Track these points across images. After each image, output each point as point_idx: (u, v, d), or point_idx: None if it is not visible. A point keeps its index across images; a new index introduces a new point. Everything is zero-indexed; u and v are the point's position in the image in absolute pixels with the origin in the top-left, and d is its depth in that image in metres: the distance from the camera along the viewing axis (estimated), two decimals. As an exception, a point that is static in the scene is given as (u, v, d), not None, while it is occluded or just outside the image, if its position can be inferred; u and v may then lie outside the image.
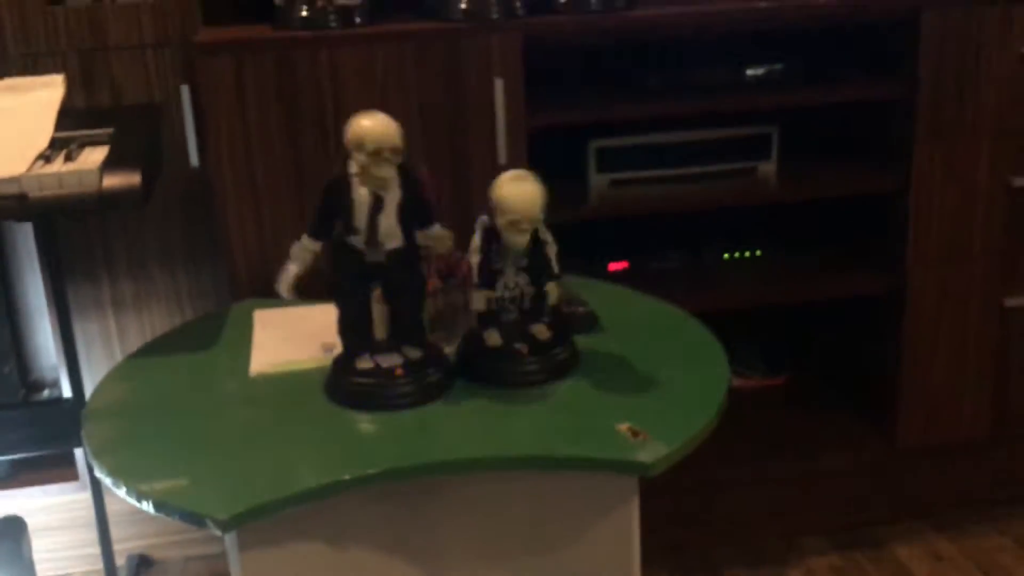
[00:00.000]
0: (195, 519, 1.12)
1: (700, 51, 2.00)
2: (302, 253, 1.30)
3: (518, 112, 1.74)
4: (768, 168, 2.03)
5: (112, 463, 1.21)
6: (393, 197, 1.25)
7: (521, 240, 1.28)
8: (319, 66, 1.67)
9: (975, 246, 1.98)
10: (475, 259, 1.32)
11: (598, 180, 1.97)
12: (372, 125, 1.22)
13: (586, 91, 1.97)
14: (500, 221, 1.28)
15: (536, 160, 1.79)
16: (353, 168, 1.24)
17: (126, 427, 1.31)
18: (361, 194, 1.24)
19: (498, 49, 1.72)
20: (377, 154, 1.21)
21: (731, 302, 2.02)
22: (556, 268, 1.33)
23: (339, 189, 1.25)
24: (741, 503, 2.08)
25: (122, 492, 1.17)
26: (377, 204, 1.24)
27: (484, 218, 1.31)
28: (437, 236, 1.29)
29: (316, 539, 1.22)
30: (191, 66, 1.74)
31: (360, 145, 1.22)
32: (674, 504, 2.04)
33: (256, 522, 1.14)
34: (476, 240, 1.31)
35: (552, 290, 1.33)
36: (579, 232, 1.96)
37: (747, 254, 2.13)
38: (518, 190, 1.27)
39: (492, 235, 1.31)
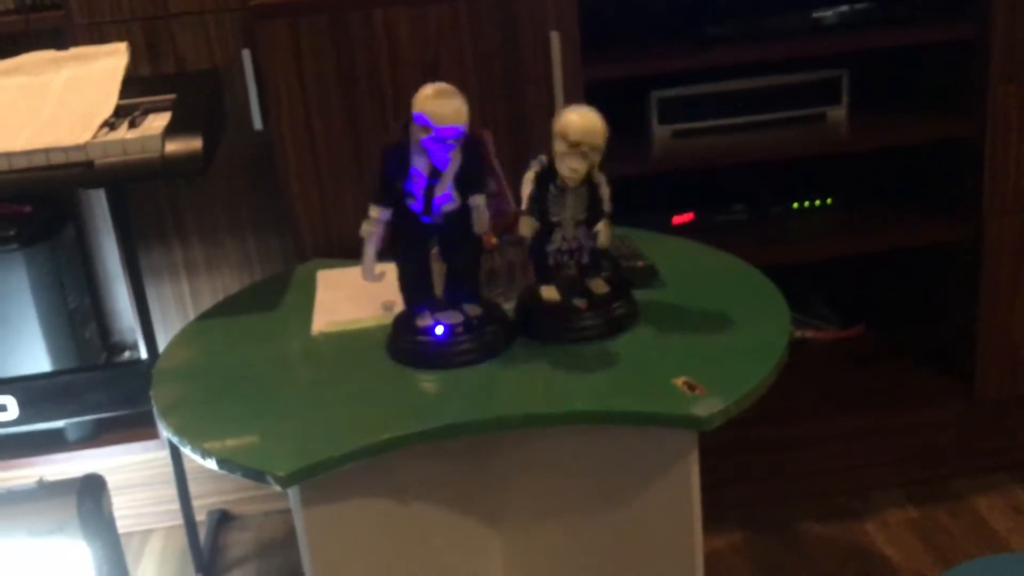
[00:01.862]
0: (257, 475, 1.14)
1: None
2: (374, 228, 1.28)
3: (575, 65, 1.72)
4: (838, 114, 1.98)
5: (178, 422, 1.24)
6: (452, 164, 1.25)
7: (579, 167, 1.26)
8: (373, 26, 1.67)
9: (1054, 193, 1.91)
10: (527, 189, 1.30)
11: (661, 131, 1.94)
12: (446, 106, 1.21)
13: (645, 42, 1.94)
14: (559, 148, 1.26)
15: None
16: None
17: (192, 387, 1.34)
18: (421, 164, 1.24)
19: (553, 2, 1.69)
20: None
21: (801, 254, 1.98)
22: (607, 207, 1.31)
23: (399, 157, 1.25)
24: (814, 458, 2.05)
25: (187, 450, 1.20)
26: (434, 177, 1.24)
27: (542, 157, 1.29)
28: (477, 207, 1.28)
29: (378, 495, 1.24)
30: (250, 30, 1.76)
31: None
32: (746, 461, 2.03)
33: (317, 478, 1.16)
34: (530, 173, 1.30)
35: (603, 229, 1.31)
36: (643, 185, 1.95)
37: (816, 204, 2.08)
38: (581, 114, 1.26)
39: (549, 180, 1.29)
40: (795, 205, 2.08)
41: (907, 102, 2.04)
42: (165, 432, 1.25)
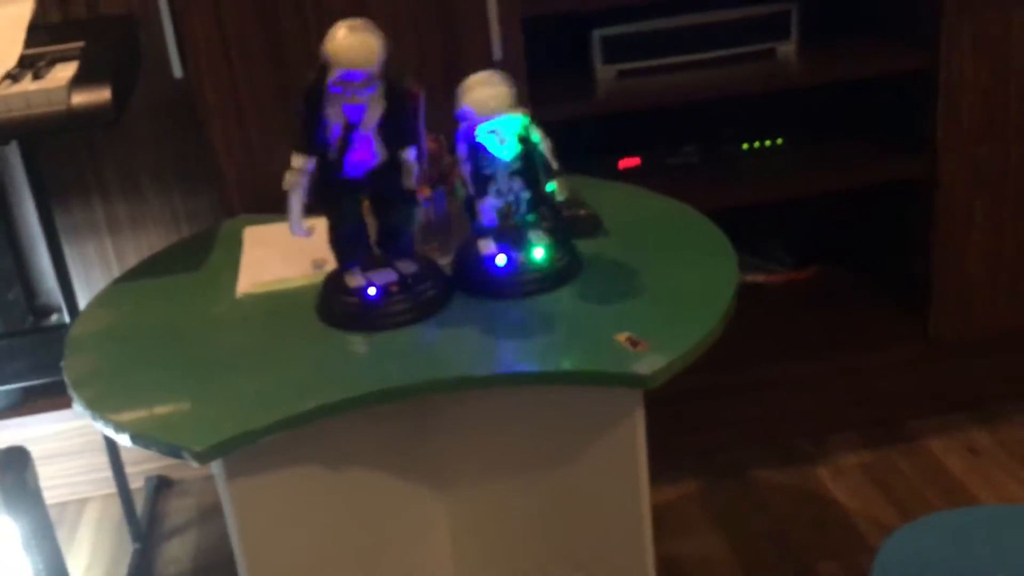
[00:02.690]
0: (172, 451, 1.07)
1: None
2: (297, 178, 1.18)
3: (511, 2, 1.63)
4: (787, 49, 1.92)
5: (90, 394, 1.17)
6: (373, 111, 1.16)
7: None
8: (295, -39, 1.58)
9: (1009, 127, 1.85)
10: (465, 169, 1.23)
11: (604, 71, 1.86)
12: (349, 46, 1.10)
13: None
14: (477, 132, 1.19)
15: (536, 53, 1.70)
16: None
17: (108, 355, 1.27)
18: (333, 113, 1.15)
19: (486, -66, 1.60)
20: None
21: (753, 195, 1.93)
22: (555, 163, 1.24)
23: (314, 100, 1.16)
24: (769, 403, 2.02)
25: (99, 424, 1.13)
26: (349, 128, 1.15)
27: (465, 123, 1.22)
28: (405, 163, 1.19)
29: (311, 463, 1.18)
30: (165, -30, 1.65)
31: (334, 66, 1.12)
32: (701, 407, 1.99)
33: (242, 450, 1.09)
34: (461, 151, 1.22)
35: (559, 185, 1.24)
36: (587, 128, 1.88)
37: (767, 143, 2.02)
38: (484, 94, 1.19)
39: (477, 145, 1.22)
40: (745, 146, 2.02)
41: (859, 36, 1.97)
42: (76, 406, 1.17)
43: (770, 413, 2.03)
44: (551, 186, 1.25)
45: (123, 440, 1.10)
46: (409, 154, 1.20)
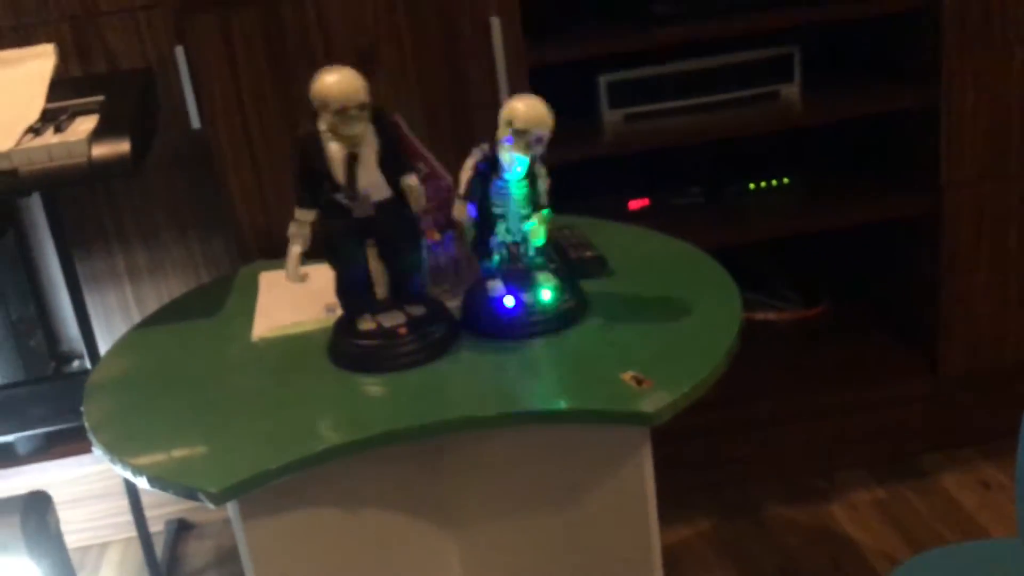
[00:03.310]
0: (188, 492, 1.09)
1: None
2: (299, 229, 1.24)
3: (518, 51, 1.68)
4: (791, 91, 1.95)
5: (108, 438, 1.20)
6: (370, 147, 1.20)
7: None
8: (306, 16, 1.62)
9: (1011, 163, 1.88)
10: (465, 175, 1.25)
11: (611, 116, 1.90)
12: (335, 82, 1.16)
13: (591, 23, 1.90)
14: (503, 134, 1.22)
15: (544, 98, 1.73)
16: (322, 126, 1.19)
17: (127, 399, 1.30)
18: (334, 149, 1.19)
19: (492, -14, 1.65)
20: (343, 112, 1.16)
21: (760, 234, 1.96)
22: (544, 199, 1.26)
23: (312, 148, 1.20)
24: (780, 439, 2.03)
25: (117, 468, 1.16)
26: (352, 157, 1.19)
27: (484, 145, 1.25)
28: (409, 186, 1.23)
29: (324, 504, 1.20)
30: (182, 26, 1.70)
31: (325, 104, 1.17)
32: (712, 444, 2.00)
33: (256, 491, 1.11)
34: (470, 160, 1.25)
35: (540, 221, 1.26)
36: (597, 171, 1.91)
37: (774, 183, 2.05)
38: (528, 102, 1.22)
39: (492, 170, 1.25)
40: (752, 185, 2.05)
41: (861, 76, 2.00)
42: (96, 449, 1.20)
43: (781, 450, 2.04)
44: (530, 224, 1.26)
45: (141, 483, 1.13)
46: (409, 178, 1.23)
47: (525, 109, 1.21)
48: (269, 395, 1.26)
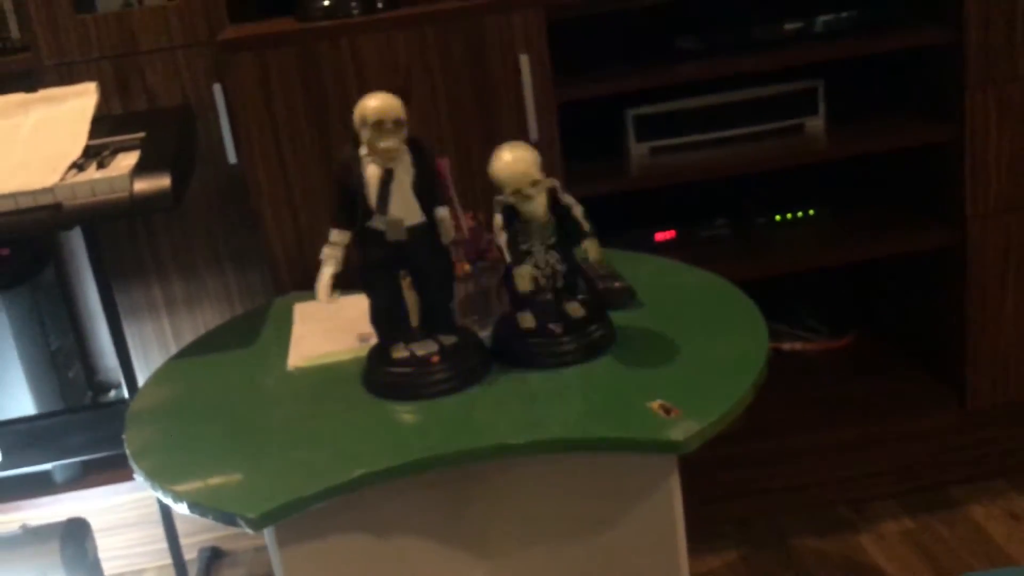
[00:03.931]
0: (227, 518, 1.12)
1: (734, 8, 1.94)
2: (332, 251, 1.28)
3: (546, 87, 1.72)
4: (816, 124, 1.97)
5: (149, 465, 1.23)
6: (405, 172, 1.24)
7: (535, 206, 1.25)
8: (341, 56, 1.67)
9: (1036, 193, 1.89)
10: (502, 238, 1.29)
11: (638, 149, 1.93)
12: (374, 98, 1.22)
13: (617, 59, 1.93)
14: (507, 199, 1.26)
15: (572, 133, 1.77)
16: (362, 150, 1.23)
17: (166, 428, 1.33)
18: (372, 172, 1.23)
19: (521, 25, 1.69)
20: (379, 125, 1.21)
21: (785, 266, 1.97)
22: (587, 225, 1.29)
23: (349, 171, 1.24)
24: (808, 471, 2.03)
25: (159, 494, 1.19)
26: (388, 176, 1.23)
27: (498, 197, 1.29)
28: (442, 219, 1.27)
29: (357, 530, 1.22)
30: (221, 65, 1.75)
31: (363, 120, 1.22)
32: (740, 475, 2.01)
33: (292, 517, 1.14)
34: (498, 219, 1.29)
35: (591, 247, 1.29)
36: (623, 204, 1.94)
37: (799, 215, 2.07)
38: (501, 163, 1.25)
39: (513, 213, 1.28)
40: (778, 217, 2.07)
41: (885, 109, 2.03)
42: (137, 476, 1.23)
43: (810, 481, 2.04)
44: (582, 250, 1.29)
45: (181, 508, 1.16)
46: (442, 210, 1.27)
47: (505, 170, 1.25)
48: (305, 423, 1.29)
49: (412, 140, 1.25)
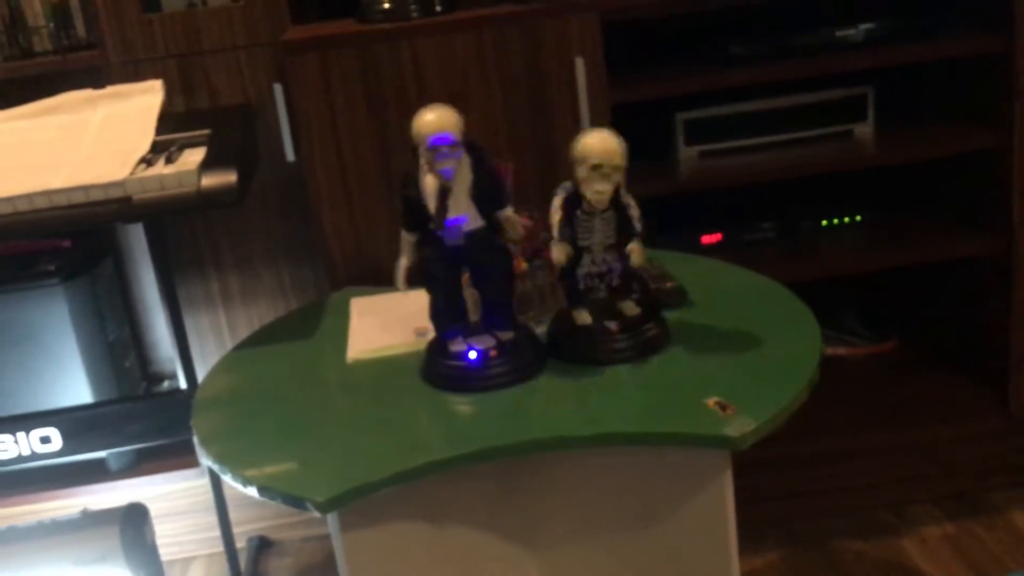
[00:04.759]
0: (296, 502, 1.16)
1: (786, 15, 1.96)
2: (406, 246, 1.33)
3: (600, 90, 1.75)
4: (865, 130, 1.99)
5: (218, 450, 1.27)
6: (463, 179, 1.27)
7: (603, 188, 1.27)
8: (400, 57, 1.70)
9: (1082, 202, 1.90)
10: (556, 217, 1.31)
11: (687, 153, 1.96)
12: (429, 120, 1.24)
13: (670, 63, 1.96)
14: (581, 173, 1.27)
15: (623, 136, 1.79)
16: (421, 159, 1.26)
17: (231, 416, 1.37)
18: (429, 181, 1.27)
19: (576, 29, 1.72)
20: (435, 150, 1.24)
21: (831, 270, 1.99)
22: (639, 227, 1.32)
23: (411, 179, 1.28)
24: (851, 474, 2.05)
25: (228, 478, 1.23)
26: (444, 191, 1.26)
27: (567, 183, 1.31)
28: (507, 218, 1.30)
29: (416, 518, 1.25)
30: (282, 65, 1.80)
31: (421, 140, 1.24)
32: (784, 477, 2.02)
33: (355, 503, 1.18)
34: (557, 200, 1.31)
35: (635, 249, 1.31)
36: (671, 206, 1.97)
37: (846, 220, 2.09)
38: (598, 137, 1.27)
39: (576, 205, 1.30)
40: (824, 222, 2.08)
41: (933, 116, 2.04)
42: (206, 461, 1.27)
43: (852, 484, 2.05)
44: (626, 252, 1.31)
45: (250, 492, 1.20)
46: (507, 210, 1.31)
47: (596, 142, 1.27)
48: (366, 413, 1.33)
49: (470, 145, 1.27)
